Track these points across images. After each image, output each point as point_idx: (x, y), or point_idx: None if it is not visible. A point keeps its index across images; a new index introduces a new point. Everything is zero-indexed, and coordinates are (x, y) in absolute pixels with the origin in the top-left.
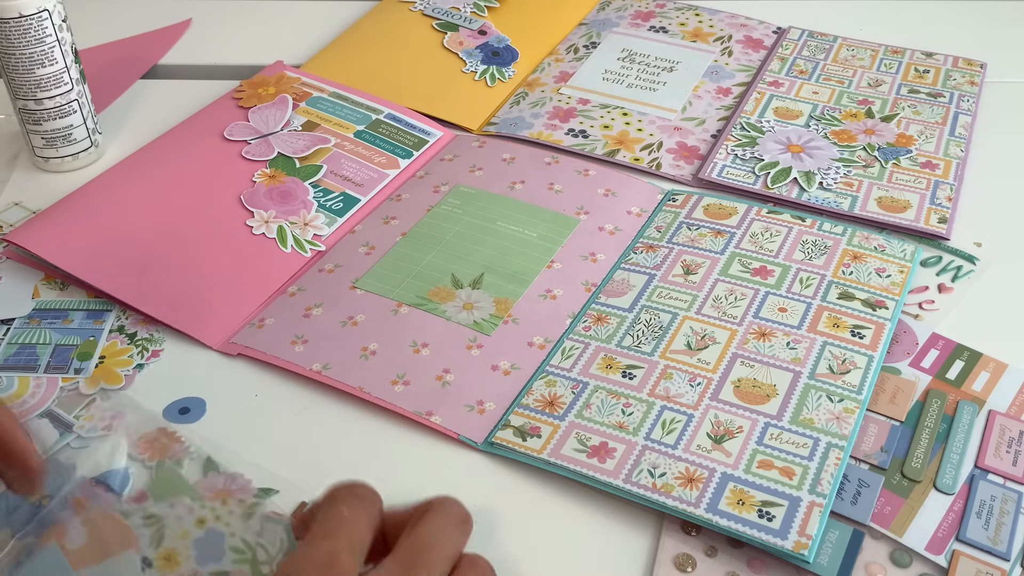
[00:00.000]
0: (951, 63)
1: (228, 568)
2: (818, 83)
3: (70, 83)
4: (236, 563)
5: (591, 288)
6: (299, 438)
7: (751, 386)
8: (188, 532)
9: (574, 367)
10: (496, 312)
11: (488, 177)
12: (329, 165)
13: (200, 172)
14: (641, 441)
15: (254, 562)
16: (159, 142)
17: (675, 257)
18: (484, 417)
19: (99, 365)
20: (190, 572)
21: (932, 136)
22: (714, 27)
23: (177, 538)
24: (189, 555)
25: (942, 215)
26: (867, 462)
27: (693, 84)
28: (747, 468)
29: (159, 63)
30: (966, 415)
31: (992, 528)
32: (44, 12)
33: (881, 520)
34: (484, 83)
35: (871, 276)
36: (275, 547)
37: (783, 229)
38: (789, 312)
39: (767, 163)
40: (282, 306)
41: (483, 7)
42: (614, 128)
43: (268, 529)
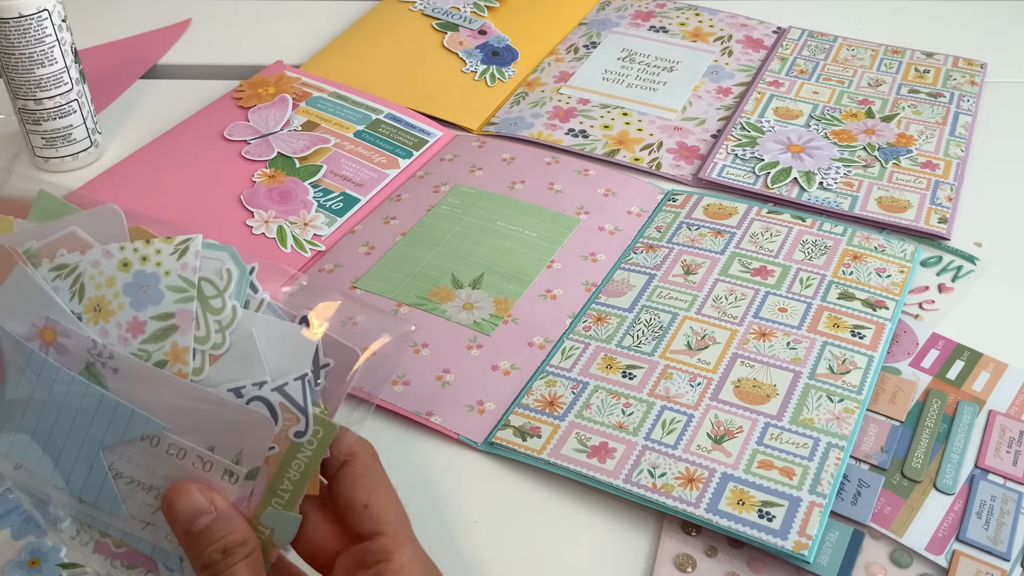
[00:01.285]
0: (951, 63)
1: (172, 309)
2: (818, 83)
3: (70, 83)
4: (179, 303)
5: (591, 288)
6: None
7: (751, 386)
8: (113, 278)
9: (574, 367)
10: (496, 312)
11: (488, 177)
12: (329, 165)
13: (200, 172)
14: (641, 441)
15: (202, 297)
16: (159, 142)
17: (675, 257)
18: (484, 417)
19: None
20: (128, 320)
21: (932, 136)
22: (714, 27)
23: (102, 287)
24: (122, 302)
25: (942, 215)
26: (867, 462)
27: (693, 84)
28: (747, 468)
29: (159, 63)
30: (966, 415)
31: (992, 528)
32: (44, 12)
33: (881, 520)
34: (484, 83)
35: (871, 276)
36: (223, 279)
37: (783, 229)
38: (789, 312)
39: (767, 163)
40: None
41: (483, 7)
42: (614, 128)
43: (208, 262)
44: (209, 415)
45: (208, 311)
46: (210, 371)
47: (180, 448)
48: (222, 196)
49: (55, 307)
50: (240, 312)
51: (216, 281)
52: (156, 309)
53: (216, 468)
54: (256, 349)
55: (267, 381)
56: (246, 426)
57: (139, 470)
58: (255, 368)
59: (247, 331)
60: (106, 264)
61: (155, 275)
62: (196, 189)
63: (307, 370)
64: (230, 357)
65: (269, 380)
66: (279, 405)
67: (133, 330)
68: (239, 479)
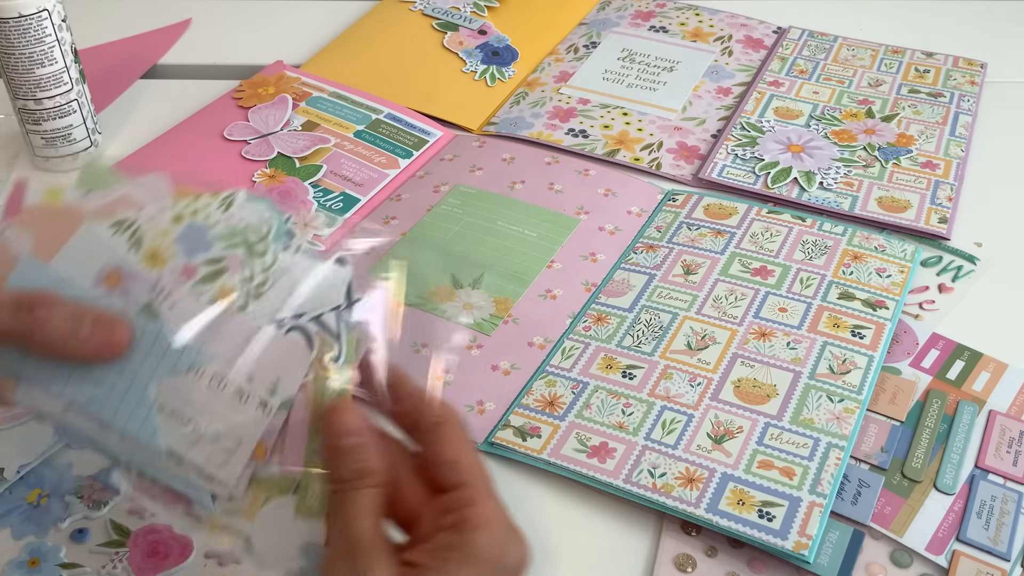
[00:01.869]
0: (951, 63)
1: (220, 255)
2: (818, 83)
3: (70, 83)
4: (227, 248)
5: (591, 288)
6: None
7: (751, 386)
8: (167, 230)
9: (574, 367)
10: (496, 312)
11: (488, 177)
12: (329, 165)
13: (200, 172)
14: (641, 441)
15: (247, 244)
16: (159, 142)
17: (675, 257)
18: (484, 417)
19: None
20: (181, 266)
21: (932, 136)
22: (714, 27)
23: (157, 237)
24: (175, 251)
25: (942, 215)
26: (867, 462)
27: (693, 84)
28: (747, 468)
29: (159, 63)
30: (966, 415)
31: (992, 528)
32: (44, 12)
33: (881, 520)
34: (484, 83)
35: (871, 276)
36: (265, 226)
37: (783, 229)
38: (789, 312)
39: (767, 163)
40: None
41: (483, 7)
42: (614, 128)
43: (250, 211)
44: (252, 345)
45: (252, 255)
46: (254, 307)
47: (221, 380)
48: None
49: (118, 256)
50: (280, 254)
51: (258, 228)
52: (206, 255)
53: (253, 397)
54: (294, 286)
55: (304, 313)
56: (284, 353)
57: (180, 403)
58: (293, 303)
59: (286, 270)
60: (160, 218)
61: (204, 226)
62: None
63: (341, 302)
64: (272, 294)
65: (306, 312)
66: (315, 334)
67: (186, 274)
68: (272, 410)
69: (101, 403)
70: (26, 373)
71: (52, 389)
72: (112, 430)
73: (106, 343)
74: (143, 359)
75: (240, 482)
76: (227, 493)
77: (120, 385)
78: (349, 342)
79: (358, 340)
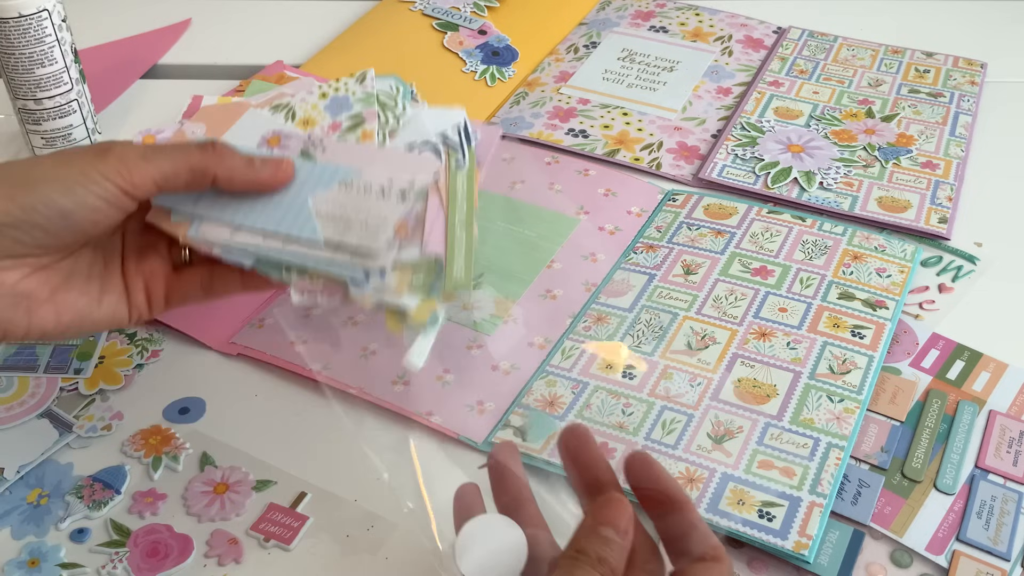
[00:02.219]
0: (951, 63)
1: (360, 110)
2: (818, 83)
3: (70, 83)
4: (364, 105)
5: (591, 288)
6: (299, 438)
7: (751, 386)
8: (316, 104)
9: (574, 367)
10: (496, 312)
11: (488, 177)
12: None
13: None
14: (641, 441)
15: (380, 102)
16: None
17: (675, 257)
18: (484, 417)
19: (99, 365)
20: (328, 123)
21: (932, 136)
22: (714, 27)
23: (308, 110)
24: (323, 114)
25: (942, 215)
26: (867, 462)
27: (693, 84)
28: (747, 468)
29: (159, 63)
30: (966, 415)
31: (992, 528)
32: (44, 12)
33: (881, 520)
34: (484, 83)
35: (871, 276)
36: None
37: (783, 229)
38: (789, 312)
39: (767, 163)
40: (282, 306)
41: (483, 7)
42: (614, 128)
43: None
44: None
45: (385, 109)
46: (389, 143)
47: (367, 185)
48: None
49: (277, 125)
50: (408, 106)
51: (389, 92)
52: (348, 113)
53: (392, 193)
54: (422, 124)
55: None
56: (417, 163)
57: (334, 207)
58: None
59: (415, 117)
60: (309, 98)
61: (346, 96)
62: None
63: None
64: (403, 133)
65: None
66: (442, 147)
67: (333, 128)
68: (410, 199)
69: (266, 219)
70: (199, 211)
71: (223, 219)
72: (276, 238)
73: (273, 173)
74: (301, 186)
75: (387, 253)
76: (377, 267)
77: (283, 203)
78: (470, 154)
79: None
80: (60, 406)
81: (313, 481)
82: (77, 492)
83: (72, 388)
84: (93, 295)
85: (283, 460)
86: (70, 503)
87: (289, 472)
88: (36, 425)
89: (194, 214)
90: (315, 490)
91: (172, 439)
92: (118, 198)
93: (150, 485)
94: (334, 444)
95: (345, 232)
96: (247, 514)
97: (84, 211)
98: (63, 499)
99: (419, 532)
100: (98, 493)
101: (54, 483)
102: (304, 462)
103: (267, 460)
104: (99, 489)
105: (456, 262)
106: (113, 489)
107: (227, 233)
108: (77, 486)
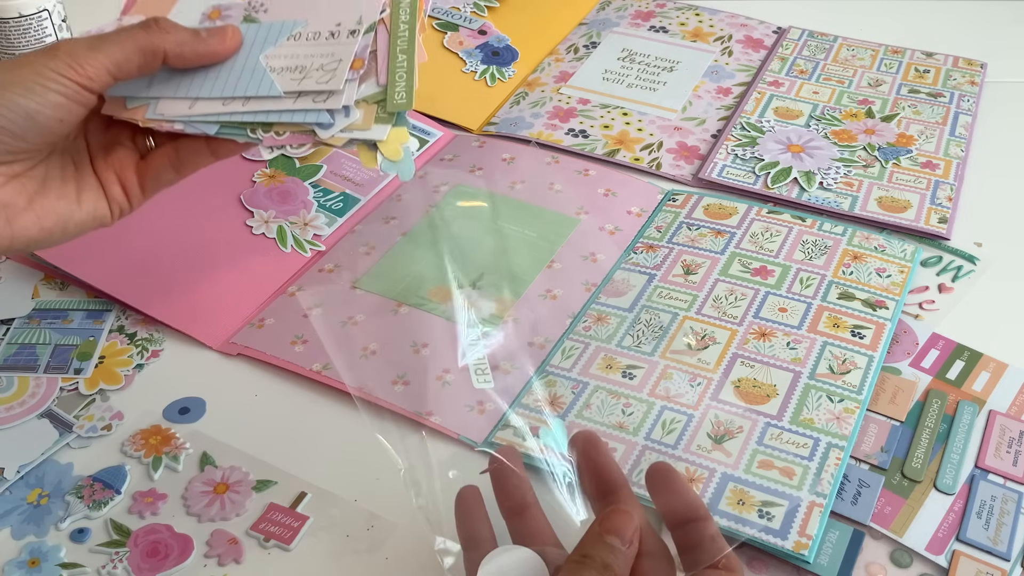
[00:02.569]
0: (951, 63)
1: None
2: (818, 83)
3: None
4: None
5: (591, 288)
6: (299, 438)
7: (751, 386)
8: None
9: (574, 367)
10: (496, 312)
11: (488, 177)
12: (329, 165)
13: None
14: (641, 441)
15: None
16: None
17: (675, 257)
18: (484, 417)
19: (99, 365)
20: None
21: (932, 136)
22: (714, 27)
23: None
24: None
25: (942, 215)
26: (867, 462)
27: (693, 84)
28: (747, 468)
29: None
30: (966, 415)
31: (992, 528)
32: (44, 12)
33: (881, 520)
34: (484, 83)
35: (871, 276)
36: None
37: (783, 229)
38: (789, 312)
39: (767, 163)
40: (282, 306)
41: (483, 7)
42: (614, 128)
43: None
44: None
45: None
46: None
47: (316, 32)
48: (222, 196)
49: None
50: None
51: None
52: None
53: (343, 33)
54: None
55: None
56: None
57: (287, 60)
58: None
59: None
60: None
61: None
62: (196, 189)
63: None
64: None
65: None
66: None
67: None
68: (360, 33)
69: (223, 85)
70: (154, 93)
71: (179, 94)
72: (235, 101)
73: (221, 40)
74: (250, 49)
75: (348, 91)
76: (340, 105)
77: (236, 68)
78: None
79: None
80: (60, 406)
81: (313, 481)
82: (77, 492)
83: (72, 388)
84: (71, 197)
85: (283, 460)
86: (70, 503)
87: (289, 472)
88: (36, 425)
89: (149, 97)
90: (315, 490)
91: (172, 439)
92: (78, 92)
93: (150, 485)
94: (334, 444)
95: (303, 80)
96: (247, 514)
97: (48, 109)
98: (63, 499)
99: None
100: (98, 493)
101: (54, 483)
102: (304, 462)
103: (267, 460)
104: (99, 489)
105: (397, 85)
106: (113, 489)
107: (185, 107)
108: (77, 486)
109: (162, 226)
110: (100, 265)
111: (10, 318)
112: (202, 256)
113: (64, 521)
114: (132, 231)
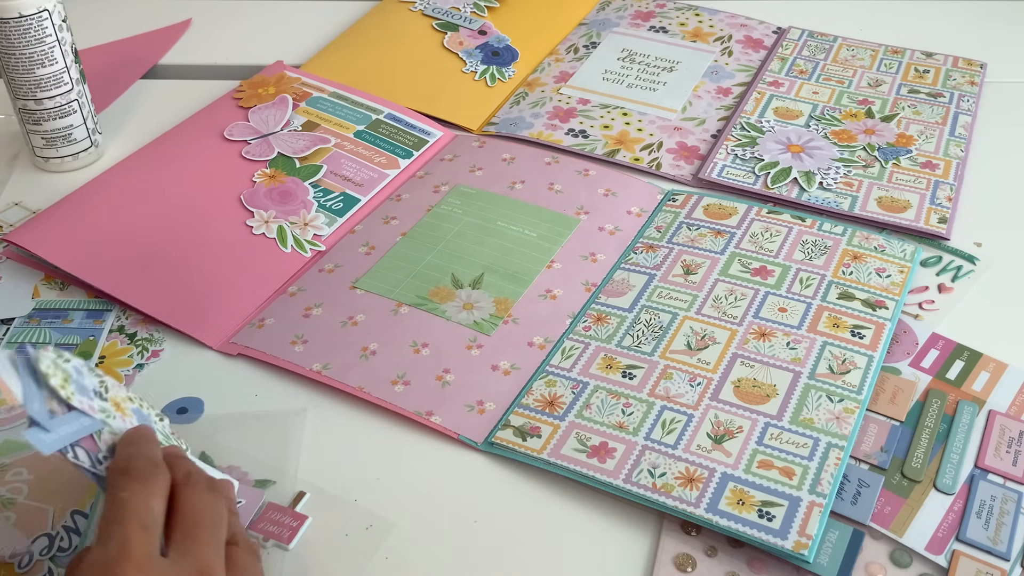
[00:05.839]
0: (951, 63)
1: None
2: (818, 83)
3: (70, 83)
4: None
5: (591, 288)
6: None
7: (751, 386)
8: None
9: (574, 367)
10: (496, 312)
11: (488, 177)
12: (329, 165)
13: (200, 172)
14: (641, 441)
15: None
16: (159, 142)
17: (675, 257)
18: (484, 417)
19: (99, 365)
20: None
21: (932, 136)
22: (714, 27)
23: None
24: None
25: (942, 215)
26: (867, 462)
27: (693, 84)
28: (747, 468)
29: (159, 63)
30: (966, 415)
31: (992, 528)
32: (44, 12)
33: (881, 520)
34: (484, 83)
35: (871, 276)
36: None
37: (783, 229)
38: (789, 312)
39: (767, 163)
40: (282, 306)
41: (483, 7)
42: (614, 128)
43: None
44: None
45: None
46: None
47: None
48: (222, 196)
49: None
50: None
51: None
52: None
53: None
54: None
55: None
56: None
57: None
58: None
59: None
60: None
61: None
62: (196, 189)
63: None
64: None
65: None
66: None
67: None
68: None
69: None
70: None
71: None
72: None
73: None
74: None
75: None
76: None
77: None
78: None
79: None
80: None
81: (313, 481)
82: None
83: None
84: None
85: (282, 460)
86: None
87: (288, 472)
88: None
89: None
90: (315, 490)
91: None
92: None
93: None
94: (334, 444)
95: None
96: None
97: None
98: None
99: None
100: None
101: None
102: (304, 462)
103: (266, 460)
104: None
105: None
106: None
107: None
108: None
109: (162, 226)
110: (100, 265)
111: (10, 318)
112: (202, 256)
113: None
114: (132, 231)
